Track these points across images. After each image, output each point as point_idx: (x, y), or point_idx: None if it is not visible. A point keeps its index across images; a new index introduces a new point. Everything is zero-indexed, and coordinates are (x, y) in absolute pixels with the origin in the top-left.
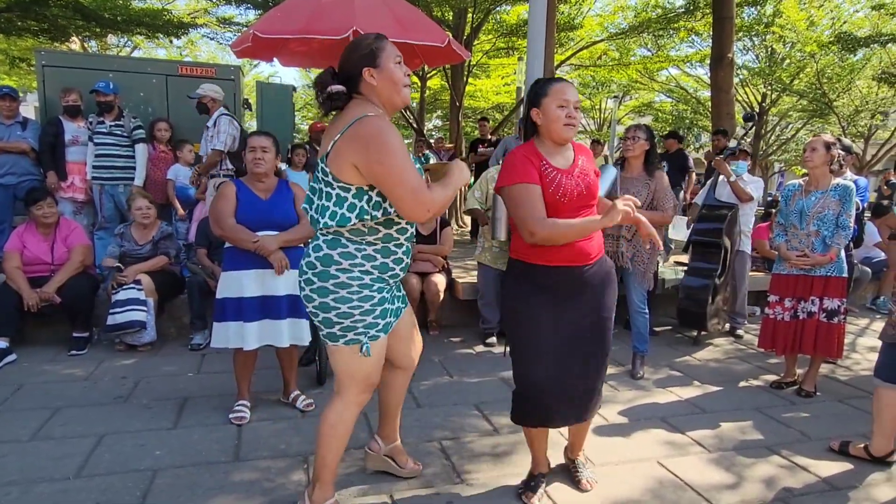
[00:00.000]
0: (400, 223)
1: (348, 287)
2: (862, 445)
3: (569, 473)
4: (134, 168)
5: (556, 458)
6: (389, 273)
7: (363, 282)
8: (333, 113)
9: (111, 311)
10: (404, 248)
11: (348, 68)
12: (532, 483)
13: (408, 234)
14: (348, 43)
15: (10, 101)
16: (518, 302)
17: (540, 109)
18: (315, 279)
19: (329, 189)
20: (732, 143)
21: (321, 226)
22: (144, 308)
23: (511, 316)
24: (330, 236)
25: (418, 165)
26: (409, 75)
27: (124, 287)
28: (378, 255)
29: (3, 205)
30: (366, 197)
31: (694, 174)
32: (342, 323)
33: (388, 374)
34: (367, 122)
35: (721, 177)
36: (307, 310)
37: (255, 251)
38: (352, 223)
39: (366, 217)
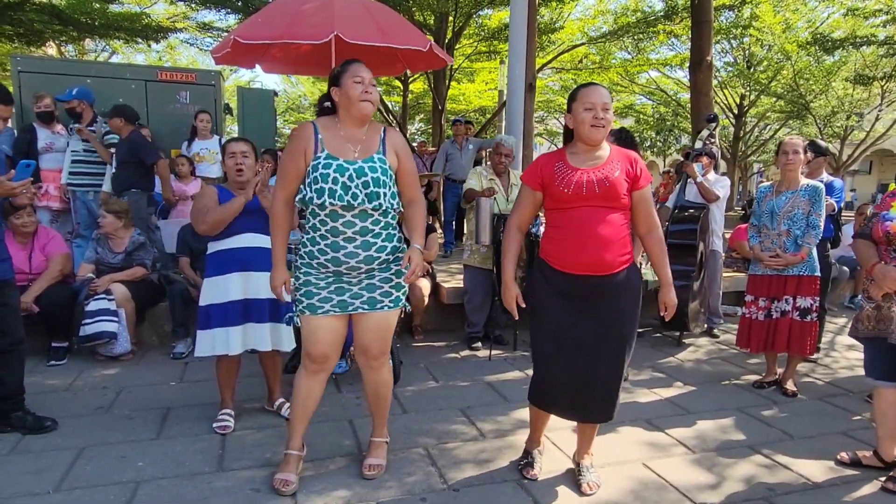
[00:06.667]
0: (319, 214)
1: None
2: (870, 453)
3: (571, 476)
4: (104, 174)
5: (551, 461)
6: (315, 261)
7: (304, 260)
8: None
9: (82, 322)
10: (329, 242)
11: (328, 91)
12: (529, 459)
13: (329, 228)
14: (329, 48)
15: None
16: (541, 297)
17: (571, 114)
18: None
19: None
20: (698, 144)
21: None
22: (115, 318)
23: (534, 309)
24: None
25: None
26: (367, 92)
27: (95, 297)
28: (308, 243)
29: None
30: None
31: None
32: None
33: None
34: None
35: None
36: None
37: (248, 201)
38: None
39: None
